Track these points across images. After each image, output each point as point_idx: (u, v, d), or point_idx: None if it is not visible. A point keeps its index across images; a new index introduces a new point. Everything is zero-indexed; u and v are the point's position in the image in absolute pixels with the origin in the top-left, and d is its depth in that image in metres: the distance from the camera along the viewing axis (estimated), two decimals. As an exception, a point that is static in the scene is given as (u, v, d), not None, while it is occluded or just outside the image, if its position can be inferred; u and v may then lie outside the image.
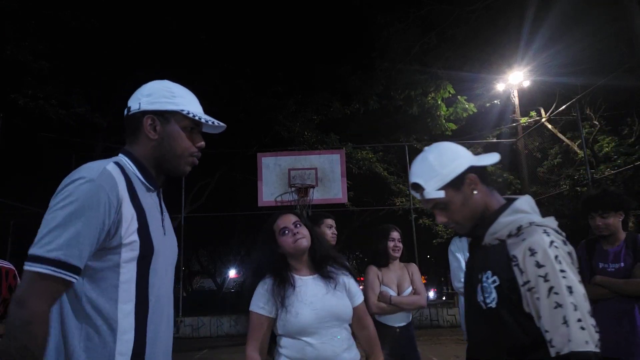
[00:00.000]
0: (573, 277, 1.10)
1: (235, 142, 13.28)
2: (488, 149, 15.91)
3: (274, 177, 8.23)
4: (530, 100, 14.03)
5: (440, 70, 11.77)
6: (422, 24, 11.82)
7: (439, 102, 11.94)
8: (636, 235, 2.61)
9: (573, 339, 1.04)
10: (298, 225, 1.93)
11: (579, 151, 12.95)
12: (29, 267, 1.07)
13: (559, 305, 1.07)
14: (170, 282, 1.34)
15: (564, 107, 10.90)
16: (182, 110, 1.30)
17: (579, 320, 1.06)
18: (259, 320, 1.84)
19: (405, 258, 3.33)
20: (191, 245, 20.71)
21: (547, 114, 13.71)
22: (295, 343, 1.80)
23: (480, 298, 1.22)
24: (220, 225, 18.25)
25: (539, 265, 1.11)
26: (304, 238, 1.90)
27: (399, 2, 11.68)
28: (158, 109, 1.29)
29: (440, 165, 1.29)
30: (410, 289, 3.15)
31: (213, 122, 1.36)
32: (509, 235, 1.21)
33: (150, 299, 1.22)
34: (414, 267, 3.29)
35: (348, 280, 1.96)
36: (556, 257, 1.11)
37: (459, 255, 3.22)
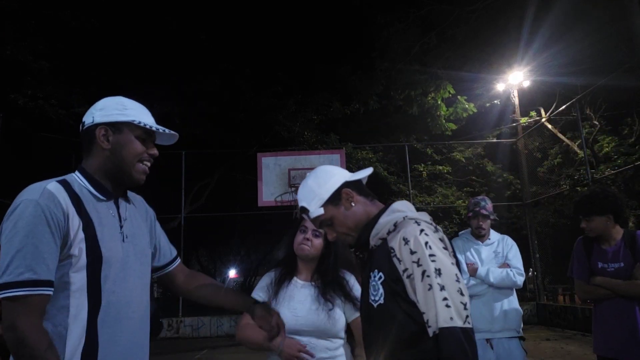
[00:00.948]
0: (443, 260, 1.20)
1: (235, 142, 13.28)
2: (488, 149, 15.94)
3: (274, 177, 8.23)
4: (530, 100, 14.03)
5: (440, 70, 11.77)
6: (422, 24, 11.82)
7: (439, 102, 11.94)
8: (634, 233, 2.59)
9: (439, 316, 1.14)
10: (317, 235, 1.93)
11: (579, 151, 12.96)
12: (5, 294, 1.14)
13: (430, 287, 1.16)
14: (137, 287, 1.38)
15: (564, 107, 10.91)
16: (134, 121, 1.36)
17: (445, 299, 1.15)
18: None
19: None
20: (191, 245, 20.70)
21: (547, 114, 13.72)
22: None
23: (371, 298, 1.29)
24: (220, 225, 18.24)
25: (412, 252, 1.20)
26: (308, 247, 1.91)
27: (399, 2, 11.68)
28: (111, 120, 1.36)
29: (317, 186, 1.42)
30: None
31: (164, 130, 1.41)
32: (388, 232, 1.31)
33: (102, 304, 1.27)
34: None
35: (347, 299, 1.92)
36: (426, 243, 1.20)
37: (459, 257, 3.22)
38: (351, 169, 12.76)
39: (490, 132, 15.41)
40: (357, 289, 1.93)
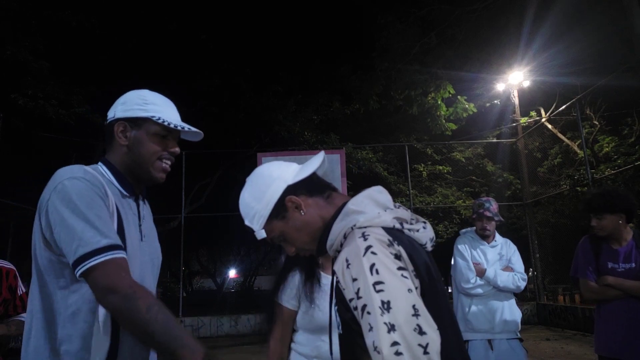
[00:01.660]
0: (395, 288, 0.90)
1: (235, 142, 13.28)
2: (488, 149, 15.94)
3: (274, 177, 8.22)
4: (530, 100, 14.04)
5: (440, 70, 11.76)
6: (422, 24, 11.81)
7: (439, 102, 11.94)
8: None
9: None
10: None
11: (579, 151, 12.96)
12: (89, 263, 1.09)
13: (370, 328, 0.88)
14: (151, 287, 1.35)
15: (564, 107, 10.90)
16: (153, 117, 1.32)
17: (394, 344, 0.86)
18: (288, 314, 1.86)
19: None
20: (191, 245, 20.69)
21: (547, 114, 13.72)
22: (311, 340, 1.82)
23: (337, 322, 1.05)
24: (221, 225, 18.23)
25: (353, 280, 0.93)
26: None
27: (399, 2, 11.68)
28: (130, 115, 1.33)
29: (255, 199, 1.14)
30: None
31: (183, 128, 1.36)
32: (341, 245, 1.04)
33: None
34: None
35: None
36: (372, 266, 0.92)
37: (466, 254, 3.22)
38: (351, 169, 12.77)
39: (490, 132, 15.42)
40: None
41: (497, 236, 3.34)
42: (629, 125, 13.26)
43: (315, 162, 1.16)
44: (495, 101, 13.87)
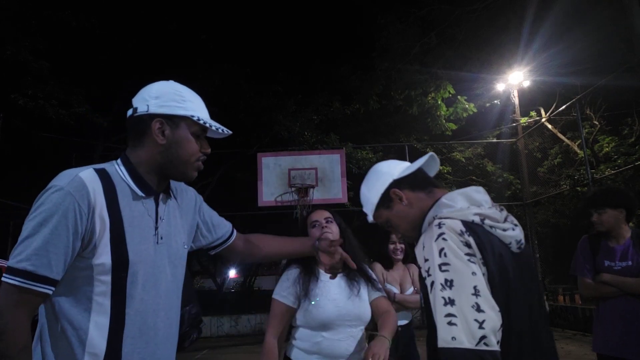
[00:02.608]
0: (459, 269, 1.02)
1: (235, 142, 13.28)
2: (488, 149, 15.94)
3: (274, 177, 8.22)
4: (530, 100, 14.04)
5: (440, 70, 11.76)
6: (422, 24, 11.82)
7: (439, 102, 11.94)
8: None
9: (439, 335, 1.00)
10: (329, 221, 2.00)
11: (579, 151, 12.96)
12: (4, 278, 1.08)
13: (435, 300, 1.03)
14: (168, 292, 1.29)
15: (564, 107, 10.91)
16: (193, 116, 1.26)
17: (448, 314, 0.99)
18: (280, 308, 1.88)
19: (411, 257, 3.34)
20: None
21: (547, 114, 13.72)
22: (311, 335, 1.84)
23: None
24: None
25: (425, 260, 1.09)
26: (330, 233, 1.94)
27: (399, 2, 11.68)
28: (167, 112, 1.24)
29: (369, 191, 1.36)
30: (412, 289, 3.16)
31: (221, 130, 1.33)
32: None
33: (127, 312, 1.18)
34: (414, 268, 3.30)
35: (368, 281, 2.01)
36: (441, 250, 1.05)
37: None
38: (351, 169, 12.77)
39: (490, 132, 15.42)
40: (372, 274, 2.04)
41: None
42: (629, 125, 13.27)
43: (419, 161, 1.35)
44: (495, 101, 13.88)
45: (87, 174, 1.18)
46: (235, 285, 33.13)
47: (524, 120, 13.56)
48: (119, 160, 1.28)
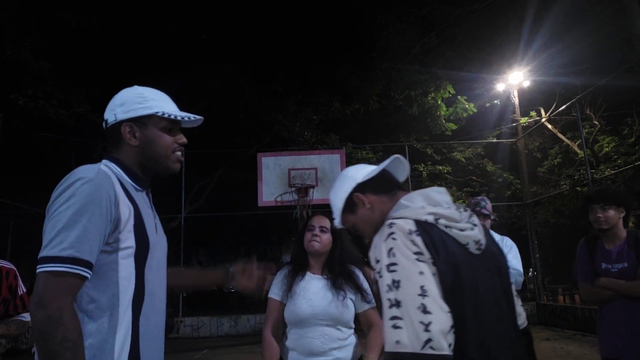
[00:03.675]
0: (407, 270, 0.99)
1: (235, 142, 13.29)
2: (488, 149, 15.94)
3: (274, 177, 8.23)
4: (530, 100, 14.04)
5: (440, 70, 11.77)
6: (422, 24, 11.82)
7: (439, 102, 11.94)
8: (637, 232, 2.58)
9: (386, 338, 0.97)
10: (324, 230, 2.07)
11: (579, 151, 12.96)
12: (43, 268, 1.10)
13: (383, 302, 1.00)
14: (163, 279, 1.39)
15: (564, 107, 10.91)
16: (157, 112, 1.31)
17: (394, 317, 0.96)
18: (273, 305, 2.01)
19: None
20: (191, 245, 20.68)
21: (547, 114, 13.72)
22: (293, 332, 1.96)
23: None
24: (220, 225, 18.25)
25: (376, 261, 1.06)
26: (318, 243, 2.04)
27: (399, 2, 11.69)
28: (133, 115, 1.31)
29: (335, 196, 1.35)
30: None
31: (189, 118, 1.36)
32: None
33: (145, 293, 1.26)
34: None
35: (358, 291, 2.06)
36: (390, 249, 1.03)
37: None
38: (351, 169, 12.77)
39: (490, 132, 15.42)
40: (366, 282, 2.10)
41: (492, 234, 3.32)
42: (629, 125, 13.27)
43: (383, 164, 1.33)
44: (495, 101, 13.88)
45: (106, 168, 1.27)
46: (235, 285, 33.10)
47: (524, 120, 13.56)
48: (108, 162, 1.33)
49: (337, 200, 1.34)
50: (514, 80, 12.88)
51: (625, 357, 2.46)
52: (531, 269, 12.33)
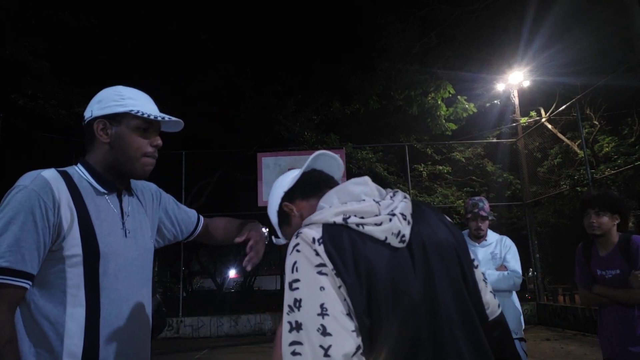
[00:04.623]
0: (308, 286, 0.89)
1: (235, 142, 13.28)
2: (488, 149, 15.94)
3: (274, 177, 8.22)
4: (530, 100, 14.04)
5: (440, 70, 11.76)
6: (422, 24, 11.82)
7: (439, 102, 11.94)
8: (629, 238, 2.59)
9: None
10: None
11: (579, 151, 12.96)
12: None
13: (283, 326, 0.90)
14: (139, 283, 1.35)
15: (564, 107, 10.91)
16: (132, 111, 1.29)
17: (292, 343, 0.85)
18: None
19: None
20: (191, 245, 20.68)
21: (547, 114, 13.72)
22: None
23: None
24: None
25: (285, 275, 0.97)
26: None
27: (399, 2, 11.68)
28: (108, 112, 1.30)
29: (269, 212, 1.23)
30: None
31: (164, 118, 1.33)
32: None
33: (102, 302, 1.23)
34: None
35: None
36: (294, 264, 0.92)
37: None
38: (351, 169, 12.78)
39: (490, 132, 15.42)
40: None
41: (490, 235, 3.28)
42: (629, 125, 13.26)
43: (306, 164, 1.19)
44: (495, 101, 13.88)
45: (50, 173, 1.25)
46: (235, 285, 33.15)
47: (524, 120, 13.56)
48: (78, 164, 1.34)
49: (272, 215, 1.22)
50: (514, 80, 12.88)
51: (620, 358, 2.50)
52: (531, 269, 12.34)
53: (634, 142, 12.70)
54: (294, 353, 0.85)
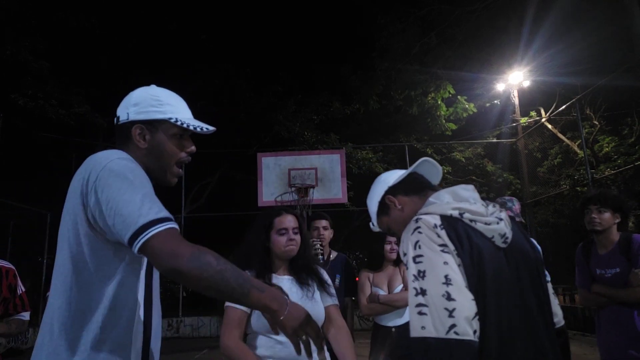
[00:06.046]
0: (432, 260, 1.05)
1: (235, 142, 13.29)
2: (488, 149, 15.94)
3: (274, 177, 8.22)
4: (530, 100, 14.04)
5: (440, 70, 11.77)
6: (422, 24, 11.82)
7: (439, 102, 11.94)
8: (629, 236, 2.58)
9: (411, 325, 1.02)
10: (296, 232, 1.97)
11: (579, 151, 12.97)
12: (152, 231, 1.06)
13: (409, 292, 1.06)
14: (157, 284, 1.39)
15: (564, 107, 10.91)
16: (170, 119, 1.30)
17: (419, 304, 1.01)
18: (237, 315, 1.82)
19: None
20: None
21: (547, 114, 13.73)
22: (266, 341, 1.82)
23: None
24: (220, 225, 18.25)
25: (404, 254, 1.13)
26: (295, 247, 1.95)
27: (399, 2, 11.69)
28: (146, 118, 1.30)
29: (370, 201, 1.42)
30: (401, 286, 3.10)
31: (202, 129, 1.34)
32: None
33: (153, 289, 1.29)
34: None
35: (321, 285, 1.99)
36: (416, 242, 1.09)
37: None
38: (351, 169, 12.77)
39: (490, 132, 15.42)
40: (329, 278, 2.05)
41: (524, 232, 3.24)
42: (629, 125, 13.27)
43: (412, 167, 1.41)
44: (495, 101, 13.88)
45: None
46: (235, 285, 33.07)
47: (524, 120, 13.56)
48: (119, 152, 1.33)
49: (372, 204, 1.41)
50: (514, 80, 12.89)
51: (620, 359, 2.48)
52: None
53: (634, 142, 12.71)
54: (420, 313, 1.00)
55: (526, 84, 13.15)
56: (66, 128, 10.97)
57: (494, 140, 15.25)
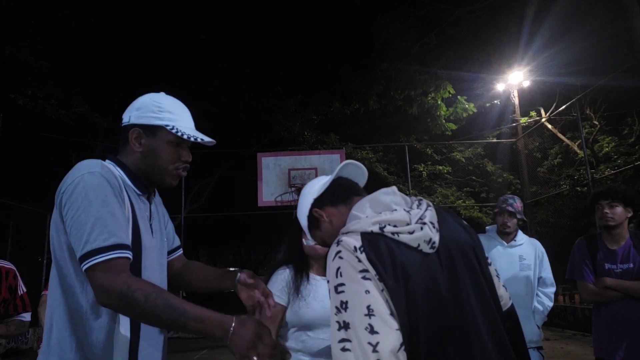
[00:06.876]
0: (353, 289, 0.99)
1: (235, 142, 13.28)
2: (488, 149, 15.94)
3: (274, 177, 8.23)
4: (530, 100, 14.05)
5: (440, 70, 11.77)
6: (422, 24, 11.81)
7: (439, 102, 11.94)
8: None
9: None
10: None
11: (579, 151, 12.97)
12: (93, 261, 1.10)
13: (332, 325, 1.00)
14: (163, 281, 1.40)
15: (564, 107, 10.91)
16: (167, 126, 1.32)
17: (342, 340, 0.96)
18: (279, 309, 1.90)
19: None
20: (191, 245, 20.71)
21: (547, 114, 13.73)
22: (296, 335, 1.90)
23: None
24: (220, 225, 18.24)
25: (327, 281, 1.06)
26: (321, 247, 1.96)
27: (399, 2, 11.68)
28: (145, 123, 1.33)
29: (299, 216, 1.32)
30: None
31: (198, 139, 1.36)
32: None
33: None
34: None
35: None
36: (337, 269, 1.03)
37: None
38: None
39: (490, 132, 15.42)
40: None
41: (521, 236, 3.14)
42: (629, 125, 13.27)
43: (334, 173, 1.29)
44: (495, 101, 13.88)
45: (110, 165, 1.31)
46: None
47: (524, 120, 13.56)
48: (112, 163, 1.35)
49: (302, 219, 1.32)
50: (514, 80, 12.89)
51: (625, 357, 2.43)
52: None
53: (634, 142, 12.71)
54: (343, 349, 0.95)
55: (526, 84, 13.16)
56: (66, 128, 10.95)
57: (494, 140, 15.25)
